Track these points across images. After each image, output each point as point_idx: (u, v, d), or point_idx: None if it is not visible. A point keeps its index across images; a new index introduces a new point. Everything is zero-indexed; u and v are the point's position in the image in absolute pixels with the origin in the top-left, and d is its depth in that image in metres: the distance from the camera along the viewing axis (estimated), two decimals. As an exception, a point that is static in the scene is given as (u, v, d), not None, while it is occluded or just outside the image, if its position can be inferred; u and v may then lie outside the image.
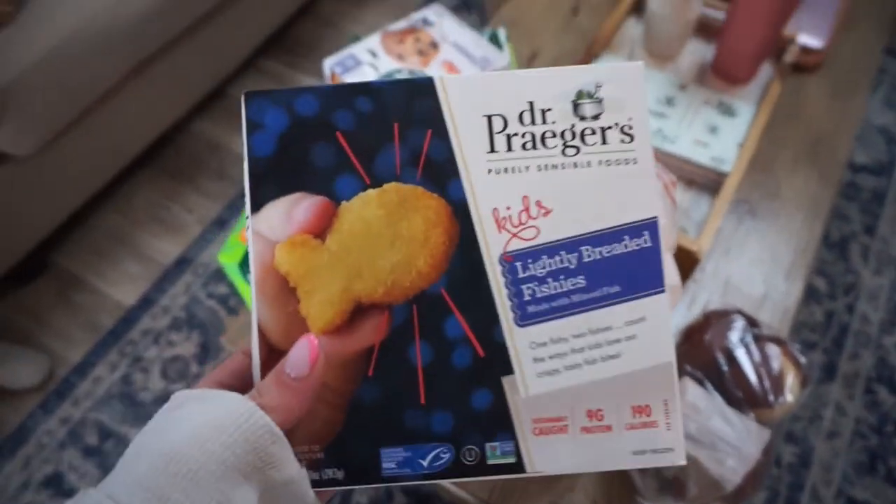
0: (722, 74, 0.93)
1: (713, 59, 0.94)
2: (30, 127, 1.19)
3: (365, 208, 0.29)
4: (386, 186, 0.29)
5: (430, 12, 0.92)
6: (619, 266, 0.29)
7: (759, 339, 0.63)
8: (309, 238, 0.29)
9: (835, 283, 1.34)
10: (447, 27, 0.90)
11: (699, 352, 0.64)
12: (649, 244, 0.29)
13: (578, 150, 0.30)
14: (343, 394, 0.29)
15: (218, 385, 0.28)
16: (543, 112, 0.30)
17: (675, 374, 0.29)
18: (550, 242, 0.29)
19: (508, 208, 0.29)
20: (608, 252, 0.29)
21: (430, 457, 0.29)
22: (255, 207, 0.30)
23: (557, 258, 0.29)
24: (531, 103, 0.30)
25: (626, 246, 0.29)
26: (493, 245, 0.29)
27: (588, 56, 0.97)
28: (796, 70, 0.97)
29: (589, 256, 0.29)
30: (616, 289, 0.29)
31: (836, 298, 1.32)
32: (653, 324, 0.29)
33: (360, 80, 0.83)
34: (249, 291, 0.30)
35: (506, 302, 0.29)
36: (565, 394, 0.29)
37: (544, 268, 0.29)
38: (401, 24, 0.91)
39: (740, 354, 0.61)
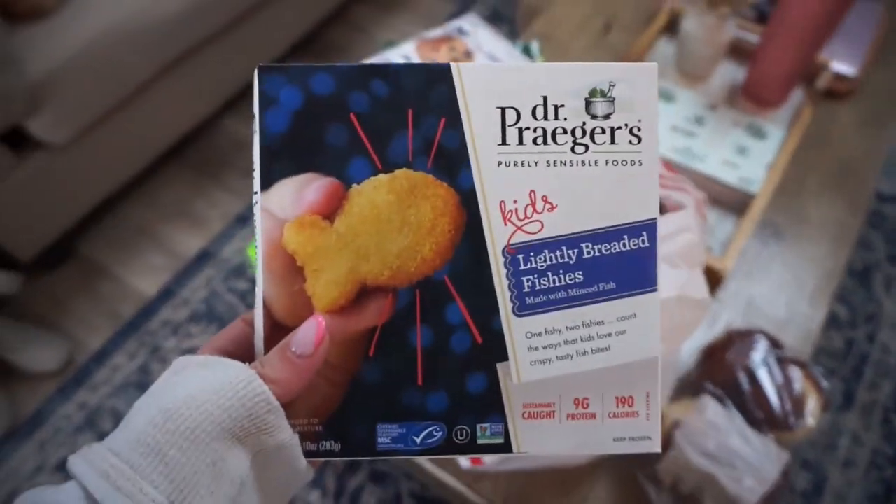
0: (753, 97, 0.93)
1: (744, 81, 0.94)
2: (66, 116, 1.22)
3: (375, 193, 0.30)
4: (397, 172, 0.30)
5: (466, 22, 0.93)
6: (617, 264, 0.30)
7: (782, 361, 0.63)
8: (318, 219, 0.29)
9: (856, 312, 1.33)
10: (482, 37, 0.92)
11: (720, 370, 0.64)
12: (647, 245, 0.30)
13: (587, 148, 0.30)
14: (344, 371, 0.30)
15: (218, 351, 0.29)
16: (556, 108, 0.30)
17: (659, 369, 0.30)
18: (553, 237, 0.30)
19: (515, 201, 0.30)
20: (607, 250, 0.30)
21: (423, 434, 0.30)
22: (266, 184, 0.30)
23: (558, 253, 0.30)
24: (545, 98, 0.30)
25: (624, 245, 0.30)
26: (497, 237, 0.30)
27: (619, 72, 0.98)
28: (828, 96, 0.97)
29: (588, 253, 0.30)
30: (612, 285, 0.30)
31: (857, 327, 1.31)
32: (643, 320, 0.30)
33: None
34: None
35: (506, 292, 0.30)
36: (555, 382, 0.30)
37: (545, 261, 0.30)
38: (436, 32, 0.92)
39: (762, 375, 0.61)
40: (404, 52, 0.89)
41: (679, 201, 0.56)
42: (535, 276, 0.30)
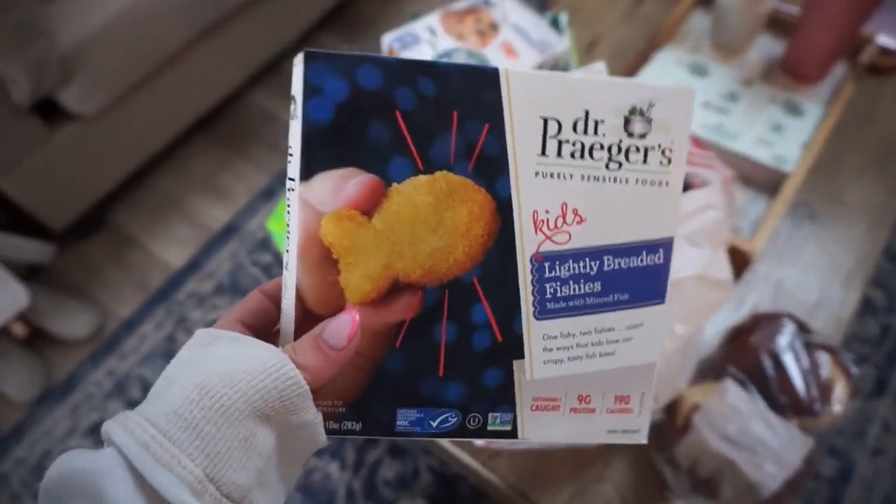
0: (791, 72, 0.89)
1: (783, 55, 0.90)
2: (96, 87, 1.23)
3: (415, 193, 0.30)
4: (437, 175, 0.30)
5: (492, -8, 0.91)
6: (633, 277, 0.32)
7: (810, 346, 0.61)
8: (356, 214, 0.29)
9: (893, 297, 1.28)
10: (508, 9, 0.89)
11: (744, 354, 0.62)
12: (661, 261, 0.32)
13: (621, 165, 0.31)
14: (370, 359, 0.31)
15: (238, 324, 0.30)
16: (596, 123, 0.31)
17: (656, 372, 0.33)
18: (579, 249, 0.31)
19: (547, 212, 0.31)
20: (626, 264, 0.31)
21: (439, 419, 0.32)
22: (306, 174, 0.30)
23: (581, 264, 0.31)
24: (587, 112, 0.30)
25: (642, 260, 0.32)
26: (527, 245, 0.31)
27: (651, 46, 0.95)
28: (872, 72, 0.92)
29: (609, 266, 0.31)
30: (625, 296, 0.32)
31: (894, 312, 1.27)
32: (648, 329, 0.32)
33: (424, 57, 0.83)
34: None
35: (529, 297, 0.31)
36: (563, 379, 0.32)
37: (569, 271, 0.31)
38: (462, 4, 0.90)
39: (788, 359, 0.59)
40: (429, 24, 0.87)
41: (705, 178, 0.54)
42: (558, 283, 0.31)
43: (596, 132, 0.30)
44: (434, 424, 0.32)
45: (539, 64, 0.83)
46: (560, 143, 0.30)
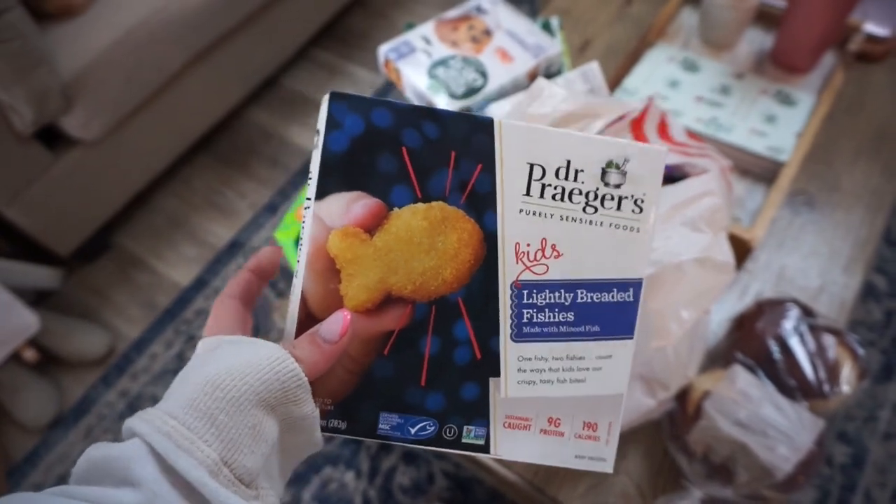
0: (781, 63, 0.91)
1: (772, 47, 0.92)
2: (98, 112, 1.25)
3: (412, 218, 0.34)
4: (433, 203, 0.34)
5: (485, 0, 0.92)
6: (604, 311, 0.35)
7: (815, 329, 0.62)
8: (360, 231, 0.34)
9: (895, 282, 1.29)
10: (501, 15, 0.91)
11: (751, 340, 0.63)
12: (631, 299, 0.35)
13: (597, 210, 0.35)
14: (360, 363, 0.35)
15: (231, 298, 0.34)
16: (577, 171, 0.35)
17: (623, 404, 0.36)
18: (555, 280, 0.35)
19: (528, 245, 0.35)
20: (598, 298, 0.35)
21: (417, 426, 0.35)
22: (321, 194, 0.34)
23: (557, 294, 0.35)
24: (569, 161, 0.35)
25: (612, 296, 0.35)
26: (509, 272, 0.35)
27: (642, 45, 0.96)
28: (861, 59, 0.94)
29: (582, 298, 0.35)
30: (597, 328, 0.35)
31: (896, 298, 1.28)
32: (617, 361, 0.35)
33: (420, 67, 0.85)
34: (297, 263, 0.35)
35: (507, 319, 0.35)
36: (535, 401, 0.35)
37: (545, 299, 0.35)
38: (455, 12, 0.92)
39: (794, 343, 0.60)
40: (423, 34, 0.89)
41: (702, 166, 0.55)
42: (534, 310, 0.35)
43: (576, 179, 0.34)
44: (413, 431, 0.35)
45: (534, 67, 0.84)
46: (543, 185, 0.34)
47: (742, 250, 0.71)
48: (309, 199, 0.34)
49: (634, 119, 0.56)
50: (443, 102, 0.81)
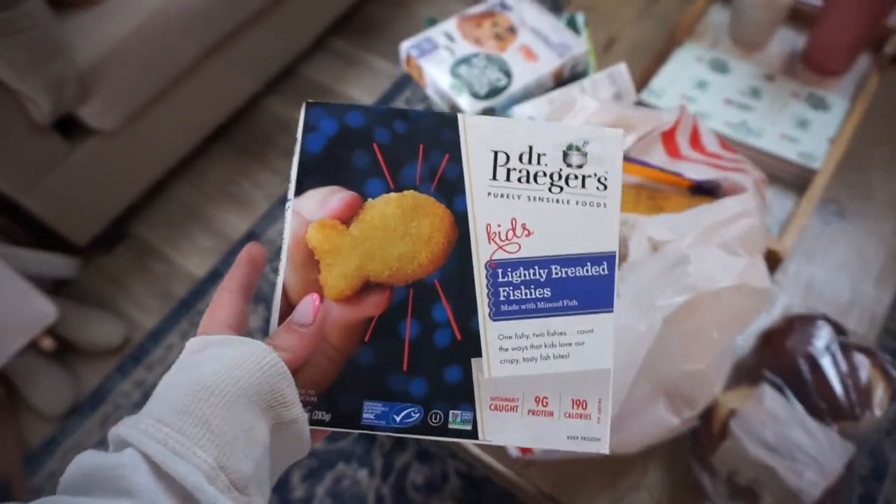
0: (814, 65, 0.88)
1: (805, 48, 0.89)
2: (114, 103, 1.24)
3: (386, 207, 0.36)
4: (405, 192, 0.36)
5: (509, -4, 0.90)
6: (580, 285, 0.35)
7: (846, 348, 0.60)
8: (337, 223, 0.35)
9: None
10: (525, 12, 0.89)
11: (780, 357, 0.61)
12: (606, 273, 0.36)
13: (562, 189, 0.36)
14: (342, 352, 0.35)
15: (229, 293, 0.34)
16: (539, 155, 0.36)
17: (611, 379, 0.35)
18: (528, 258, 0.36)
19: (499, 225, 0.36)
20: (572, 273, 0.35)
21: (402, 414, 0.35)
22: (299, 191, 0.36)
23: (531, 271, 0.35)
24: (531, 147, 0.36)
25: (587, 271, 0.35)
26: (482, 252, 0.36)
27: (669, 44, 0.93)
28: (897, 62, 0.91)
29: (556, 274, 0.35)
30: (574, 303, 0.35)
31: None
32: (599, 335, 0.35)
33: (443, 64, 0.83)
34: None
35: (485, 299, 0.35)
36: (520, 380, 0.35)
37: (520, 277, 0.35)
38: (478, 8, 0.90)
39: (825, 363, 0.59)
40: (446, 30, 0.87)
41: (737, 182, 0.53)
42: (511, 288, 0.35)
43: (539, 162, 0.36)
44: (398, 419, 0.35)
45: (559, 66, 0.82)
46: (508, 170, 0.36)
47: (771, 261, 0.69)
48: (289, 199, 0.36)
49: (666, 132, 0.54)
50: (465, 103, 0.79)
